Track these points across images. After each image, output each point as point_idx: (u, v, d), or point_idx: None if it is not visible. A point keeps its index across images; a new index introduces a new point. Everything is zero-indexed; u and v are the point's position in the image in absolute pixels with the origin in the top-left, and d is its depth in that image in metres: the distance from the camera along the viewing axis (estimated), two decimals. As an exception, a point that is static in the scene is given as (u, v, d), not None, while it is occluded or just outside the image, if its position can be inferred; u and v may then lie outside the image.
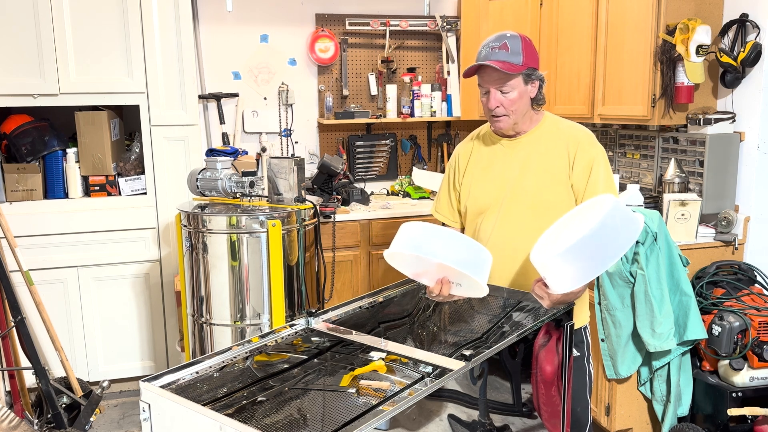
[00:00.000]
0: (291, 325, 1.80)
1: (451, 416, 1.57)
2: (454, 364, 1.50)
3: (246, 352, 1.66)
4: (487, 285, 2.04)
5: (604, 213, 1.66)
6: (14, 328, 3.05)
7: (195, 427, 1.29)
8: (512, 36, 1.95)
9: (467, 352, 1.50)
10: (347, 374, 1.66)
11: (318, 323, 1.81)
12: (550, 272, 1.73)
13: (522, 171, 2.05)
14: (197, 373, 1.53)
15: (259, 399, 1.58)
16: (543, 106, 2.10)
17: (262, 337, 1.71)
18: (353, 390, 1.61)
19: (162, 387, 1.43)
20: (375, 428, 1.28)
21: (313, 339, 1.81)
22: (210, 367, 1.57)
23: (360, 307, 1.96)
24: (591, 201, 1.84)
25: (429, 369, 1.57)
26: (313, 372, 1.73)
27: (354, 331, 1.75)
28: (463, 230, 2.21)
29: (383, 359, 1.69)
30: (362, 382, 1.63)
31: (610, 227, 1.66)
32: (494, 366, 1.65)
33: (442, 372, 1.50)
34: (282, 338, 1.75)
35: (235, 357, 1.62)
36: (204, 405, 1.36)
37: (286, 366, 1.72)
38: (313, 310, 1.83)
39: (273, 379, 1.66)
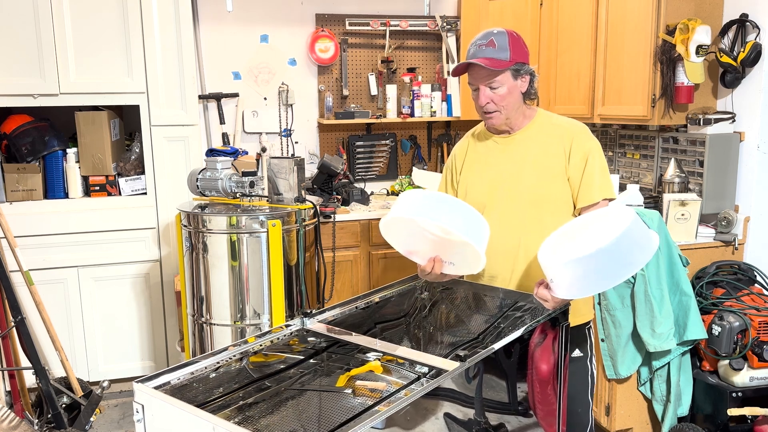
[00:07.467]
0: (287, 326, 1.80)
1: (447, 415, 1.57)
2: (450, 365, 1.50)
3: (242, 353, 1.65)
4: (485, 285, 2.04)
5: (623, 229, 1.59)
6: (14, 328, 3.06)
7: (188, 428, 1.29)
8: (499, 32, 1.97)
9: (462, 353, 1.50)
10: (343, 375, 1.65)
11: (314, 324, 1.81)
12: (556, 277, 1.71)
13: (519, 167, 2.05)
14: (192, 373, 1.53)
15: (255, 400, 1.58)
16: (537, 102, 2.11)
17: (258, 337, 1.71)
18: (349, 390, 1.61)
19: (156, 388, 1.42)
20: (371, 428, 1.28)
21: (309, 339, 1.81)
22: (206, 367, 1.56)
23: (356, 307, 1.95)
24: (611, 210, 1.77)
25: (425, 369, 1.57)
26: (309, 372, 1.72)
27: (351, 332, 1.75)
28: None
29: (379, 359, 1.69)
30: (358, 382, 1.63)
31: (626, 245, 1.60)
32: (490, 365, 1.65)
33: (438, 372, 1.50)
34: (278, 339, 1.75)
35: (230, 357, 1.62)
36: (199, 406, 1.36)
37: (282, 366, 1.72)
38: (309, 311, 1.83)
39: (269, 379, 1.66)
